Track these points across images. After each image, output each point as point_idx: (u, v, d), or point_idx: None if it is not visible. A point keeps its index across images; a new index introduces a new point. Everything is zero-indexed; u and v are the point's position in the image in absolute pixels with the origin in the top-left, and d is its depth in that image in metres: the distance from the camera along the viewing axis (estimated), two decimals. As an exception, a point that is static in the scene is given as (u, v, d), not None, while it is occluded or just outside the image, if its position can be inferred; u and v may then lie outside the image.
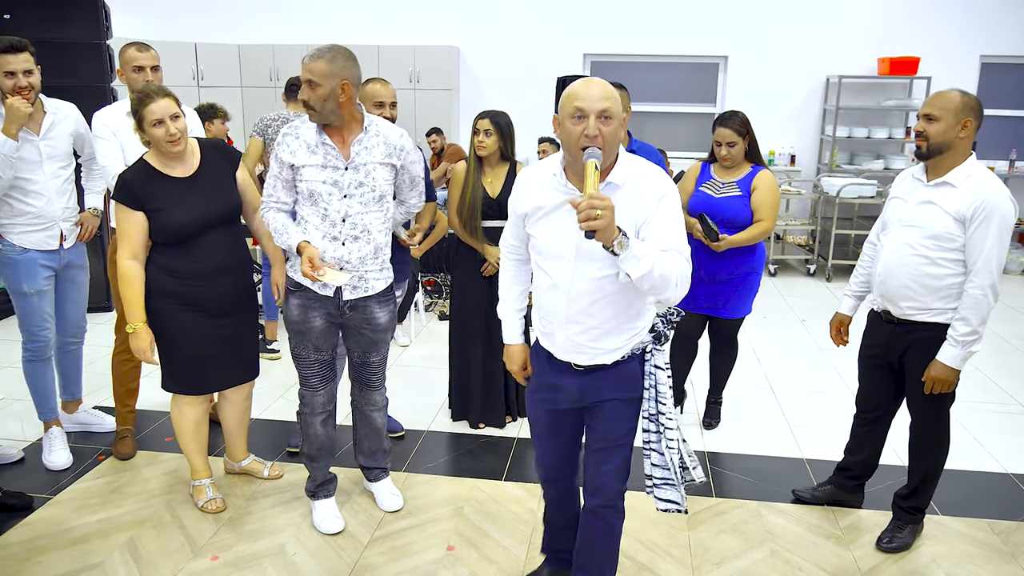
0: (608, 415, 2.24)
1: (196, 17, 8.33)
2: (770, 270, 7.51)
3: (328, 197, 2.76)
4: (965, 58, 7.67)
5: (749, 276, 3.69)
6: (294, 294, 2.88)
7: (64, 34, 5.18)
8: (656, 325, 2.24)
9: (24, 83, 3.14)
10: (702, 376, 4.19)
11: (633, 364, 2.21)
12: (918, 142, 2.67)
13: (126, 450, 3.58)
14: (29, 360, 3.49)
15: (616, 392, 2.22)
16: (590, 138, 1.95)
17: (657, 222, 2.03)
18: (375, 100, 3.42)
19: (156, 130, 2.78)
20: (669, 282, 1.96)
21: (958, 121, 2.58)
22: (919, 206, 2.69)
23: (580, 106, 1.96)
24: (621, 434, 2.25)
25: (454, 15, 8.14)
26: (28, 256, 3.33)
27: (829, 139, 7.82)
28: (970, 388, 4.58)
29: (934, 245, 2.63)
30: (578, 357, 2.20)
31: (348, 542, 2.97)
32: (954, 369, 2.67)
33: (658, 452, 2.24)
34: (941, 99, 2.60)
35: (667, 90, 8.32)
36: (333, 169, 2.76)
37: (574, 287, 2.11)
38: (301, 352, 2.93)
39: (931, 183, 2.68)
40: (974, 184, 2.58)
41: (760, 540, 3.03)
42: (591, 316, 2.13)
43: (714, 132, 3.61)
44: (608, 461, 2.28)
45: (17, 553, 2.86)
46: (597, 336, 2.15)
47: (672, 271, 1.96)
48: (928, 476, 2.95)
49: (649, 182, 2.06)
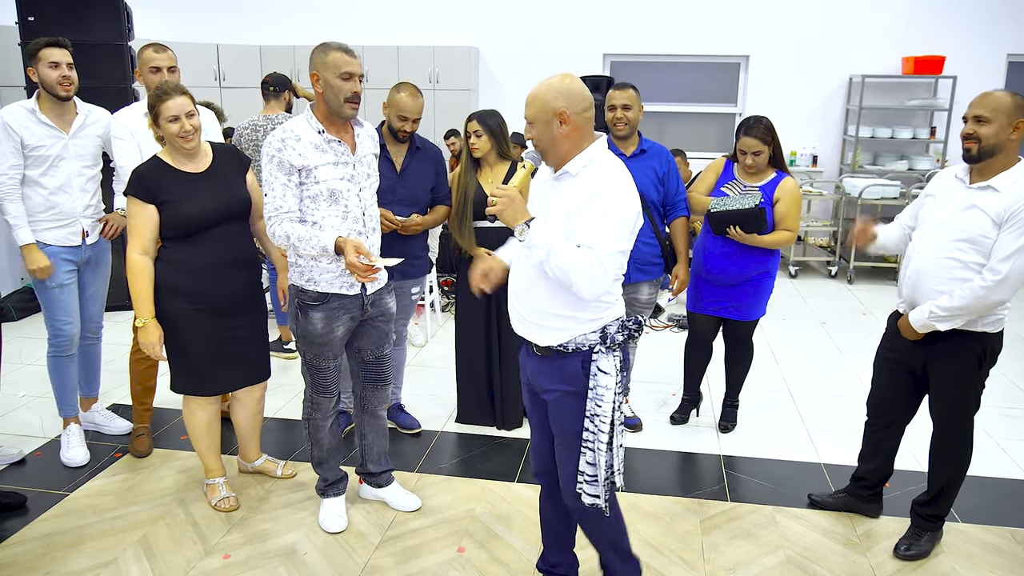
0: (555, 408, 2.30)
1: (218, 18, 8.40)
2: (791, 272, 7.43)
3: (347, 194, 2.74)
4: (991, 57, 7.54)
5: (763, 278, 3.64)
6: (316, 308, 2.79)
7: (86, 36, 5.23)
8: (608, 327, 2.22)
9: (66, 74, 3.29)
10: (718, 379, 4.15)
11: (575, 360, 2.22)
12: (968, 144, 2.57)
13: (142, 448, 3.62)
14: (54, 356, 3.54)
15: (556, 383, 2.27)
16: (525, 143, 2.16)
17: (581, 216, 2.11)
18: (400, 113, 3.39)
19: (171, 126, 2.82)
20: (569, 274, 2.05)
21: (1011, 123, 2.49)
22: (959, 209, 2.60)
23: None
24: (571, 433, 2.26)
25: (473, 16, 8.13)
26: (50, 251, 3.39)
27: (852, 139, 7.72)
28: (994, 394, 4.48)
29: (969, 248, 2.56)
30: (520, 328, 2.32)
31: (359, 542, 2.98)
32: (911, 328, 2.72)
33: (591, 450, 2.22)
34: (992, 100, 2.51)
35: (688, 90, 8.26)
36: (344, 165, 2.75)
37: (518, 265, 2.31)
38: (321, 363, 2.89)
39: (974, 186, 2.59)
40: (1019, 189, 2.49)
41: (775, 546, 2.99)
42: (527, 293, 2.26)
43: (738, 140, 3.54)
44: (566, 462, 2.31)
45: (34, 549, 2.89)
46: (536, 314, 2.25)
47: (573, 265, 2.04)
48: (949, 484, 2.89)
49: (592, 179, 2.14)
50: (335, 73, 2.63)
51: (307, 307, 2.80)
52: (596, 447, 2.21)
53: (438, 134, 7.78)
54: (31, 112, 3.31)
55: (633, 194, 2.17)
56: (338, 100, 2.66)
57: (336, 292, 2.79)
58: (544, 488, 2.58)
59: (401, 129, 3.41)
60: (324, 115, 2.72)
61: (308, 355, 2.89)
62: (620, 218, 2.11)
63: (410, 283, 3.67)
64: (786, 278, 7.34)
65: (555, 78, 2.18)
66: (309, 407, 2.99)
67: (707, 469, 3.61)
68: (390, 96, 3.39)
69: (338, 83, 2.64)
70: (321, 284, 2.78)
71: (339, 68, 2.63)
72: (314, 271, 2.77)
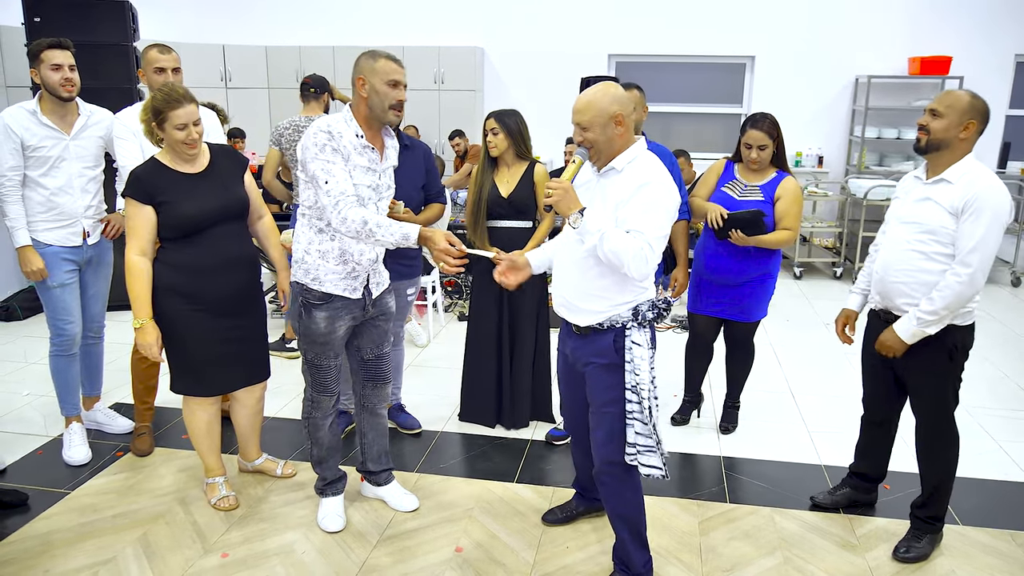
0: (591, 379, 2.56)
1: (223, 19, 8.44)
2: (795, 273, 7.41)
3: (367, 202, 2.76)
4: (999, 57, 7.50)
5: (764, 280, 3.63)
6: (320, 307, 2.80)
7: (92, 36, 5.26)
8: (640, 307, 2.48)
9: (68, 75, 3.31)
10: (720, 380, 4.14)
11: (608, 335, 2.49)
12: (919, 135, 2.72)
13: (144, 447, 3.64)
14: (55, 355, 3.56)
15: (593, 357, 2.53)
16: (579, 143, 2.43)
17: (631, 205, 2.36)
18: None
19: (178, 133, 2.83)
20: (621, 256, 2.29)
21: (961, 121, 2.62)
22: (917, 203, 2.73)
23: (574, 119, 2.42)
24: (603, 401, 2.53)
25: (479, 16, 8.14)
26: (50, 251, 3.41)
27: (858, 140, 7.70)
28: (997, 395, 4.48)
29: (929, 239, 2.66)
30: (563, 312, 2.58)
31: (357, 541, 2.98)
32: (902, 340, 2.73)
33: (640, 421, 2.45)
34: (950, 97, 2.64)
35: (693, 91, 8.25)
36: (373, 172, 2.78)
37: (564, 254, 2.57)
38: (322, 362, 2.90)
39: (929, 181, 2.71)
40: (969, 179, 2.61)
41: (773, 547, 2.98)
42: (572, 279, 2.52)
43: (743, 134, 3.54)
44: (597, 428, 2.57)
45: (34, 547, 2.91)
46: (580, 297, 2.50)
47: (625, 248, 2.29)
48: (941, 483, 2.89)
49: (638, 173, 2.40)
50: (383, 80, 2.67)
51: (311, 306, 2.81)
52: (642, 415, 2.44)
53: (443, 134, 7.80)
54: (32, 113, 3.33)
55: (673, 187, 2.43)
56: (383, 105, 2.69)
57: (339, 294, 2.81)
58: (574, 436, 2.93)
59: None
60: (364, 119, 2.74)
61: (309, 354, 2.90)
62: (665, 207, 2.37)
63: (405, 284, 3.68)
64: (790, 279, 7.32)
65: (600, 87, 2.41)
66: (309, 406, 3.00)
67: (707, 470, 3.60)
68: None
69: (385, 89, 2.68)
70: (326, 284, 2.79)
71: (387, 75, 2.68)
72: (320, 270, 2.78)
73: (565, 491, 3.30)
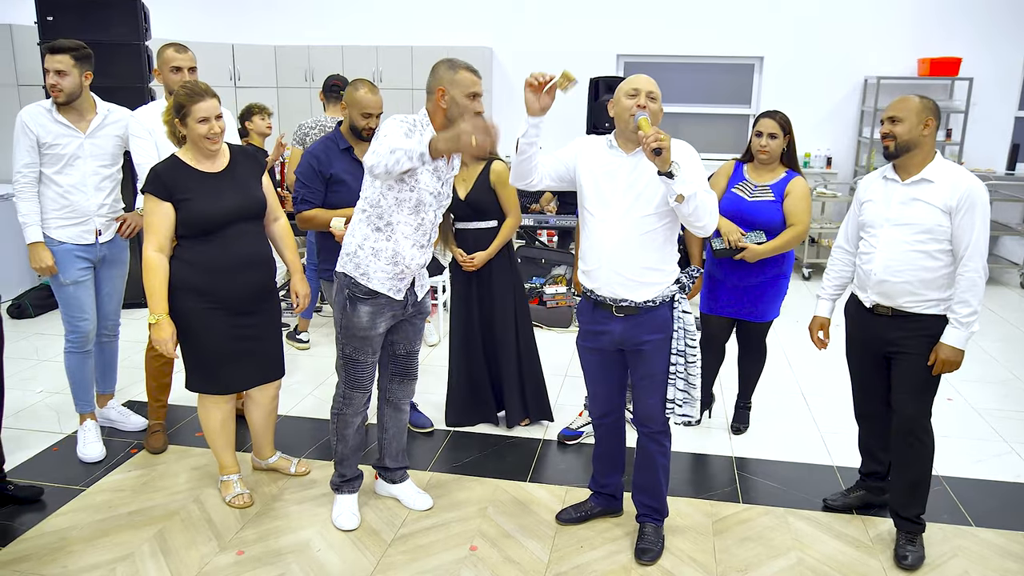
0: (648, 356, 2.74)
1: (233, 18, 8.45)
2: (804, 274, 7.41)
3: (428, 208, 2.79)
4: (1009, 58, 7.48)
5: (777, 280, 3.64)
6: (365, 302, 2.83)
7: (104, 35, 5.28)
8: (680, 278, 2.73)
9: (53, 81, 3.31)
10: (731, 380, 4.15)
11: (664, 309, 2.70)
12: (885, 143, 2.82)
13: (157, 444, 3.65)
14: (70, 352, 3.57)
15: (652, 335, 2.71)
16: (640, 106, 2.58)
17: (687, 166, 2.51)
18: (363, 110, 3.28)
19: (200, 127, 2.85)
20: (707, 207, 2.50)
21: (920, 121, 2.75)
22: (904, 205, 2.79)
23: (636, 87, 2.64)
24: (660, 370, 2.75)
25: (487, 16, 8.14)
26: (63, 248, 3.43)
27: (867, 141, 7.68)
28: (1009, 398, 4.48)
29: (928, 239, 2.75)
30: (616, 290, 2.68)
31: (371, 540, 2.99)
32: (961, 350, 2.76)
33: (683, 379, 2.73)
34: (903, 102, 2.79)
35: (702, 91, 8.23)
36: (438, 179, 2.80)
37: (613, 233, 2.65)
38: (360, 357, 2.92)
39: (907, 182, 2.80)
40: (953, 178, 2.73)
41: (786, 548, 2.98)
42: (627, 255, 2.64)
43: (756, 123, 3.57)
44: (653, 394, 2.78)
45: (50, 543, 2.92)
46: (636, 272, 2.65)
47: (707, 200, 2.51)
48: (919, 481, 2.91)
49: (683, 147, 2.62)
50: (463, 91, 2.70)
51: (356, 299, 2.83)
52: (685, 375, 2.72)
53: (451, 134, 7.79)
54: (48, 111, 3.35)
55: None
56: (462, 116, 2.69)
57: (384, 293, 2.83)
58: (604, 428, 3.04)
59: (366, 127, 3.31)
60: (439, 127, 2.74)
61: (348, 348, 2.91)
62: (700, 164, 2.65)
63: None
64: (801, 280, 7.32)
65: None
66: (341, 402, 3.01)
67: (719, 471, 3.61)
68: (349, 95, 3.32)
69: (465, 101, 2.70)
70: (374, 281, 2.81)
71: (467, 88, 2.71)
72: (371, 267, 2.79)
73: (578, 491, 3.31)
